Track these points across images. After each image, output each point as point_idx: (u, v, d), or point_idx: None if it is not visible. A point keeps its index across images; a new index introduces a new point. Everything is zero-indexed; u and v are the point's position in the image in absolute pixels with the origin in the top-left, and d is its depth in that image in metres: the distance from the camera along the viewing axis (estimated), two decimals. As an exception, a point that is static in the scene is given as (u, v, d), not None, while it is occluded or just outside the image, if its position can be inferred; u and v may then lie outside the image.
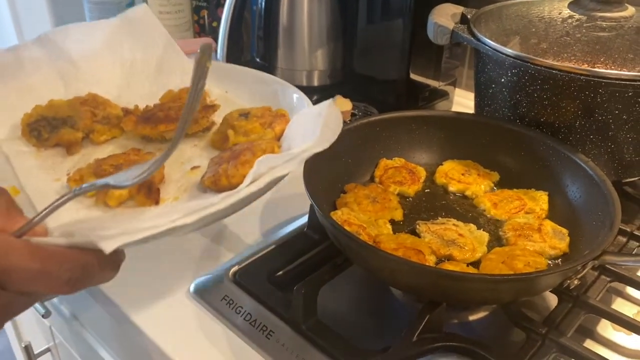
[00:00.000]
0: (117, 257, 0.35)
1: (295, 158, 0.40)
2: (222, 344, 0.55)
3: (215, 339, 0.56)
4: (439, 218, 0.63)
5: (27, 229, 0.34)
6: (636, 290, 0.60)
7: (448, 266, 0.55)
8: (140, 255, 0.63)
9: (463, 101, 1.02)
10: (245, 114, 0.54)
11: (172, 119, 0.53)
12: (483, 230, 0.61)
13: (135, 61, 0.61)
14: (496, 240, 0.61)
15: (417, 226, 0.61)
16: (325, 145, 0.41)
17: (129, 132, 0.54)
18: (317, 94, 0.96)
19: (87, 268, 0.33)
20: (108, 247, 0.33)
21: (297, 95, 0.56)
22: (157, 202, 0.47)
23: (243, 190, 0.39)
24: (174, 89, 0.59)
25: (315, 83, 0.97)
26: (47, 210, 0.35)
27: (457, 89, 1.01)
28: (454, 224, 0.61)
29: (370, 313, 0.59)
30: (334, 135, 0.42)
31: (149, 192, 0.46)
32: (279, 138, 0.52)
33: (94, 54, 0.60)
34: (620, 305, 0.60)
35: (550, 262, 0.57)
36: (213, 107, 0.56)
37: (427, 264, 0.55)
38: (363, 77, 0.96)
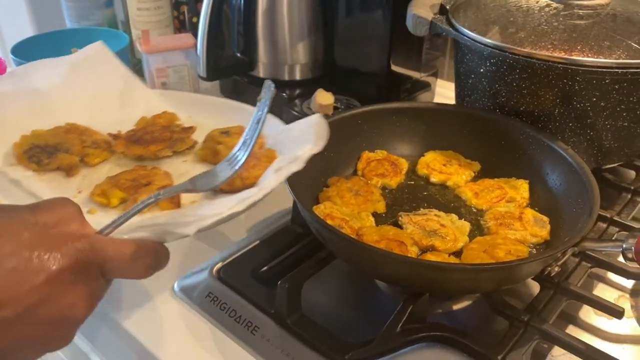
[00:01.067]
0: (167, 250, 0.43)
1: (300, 158, 0.48)
2: (207, 341, 0.55)
3: (201, 336, 0.55)
4: (421, 209, 0.64)
5: (111, 229, 0.41)
6: (617, 276, 0.61)
7: (430, 257, 0.55)
8: None
9: (445, 92, 1.02)
10: (226, 132, 0.62)
11: (160, 140, 0.60)
12: (465, 220, 0.61)
13: (99, 94, 0.67)
14: (478, 230, 0.61)
15: (400, 218, 0.61)
16: (321, 147, 0.49)
17: (121, 153, 0.61)
18: (299, 88, 0.96)
19: (159, 255, 0.42)
20: (190, 231, 0.42)
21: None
22: (178, 206, 0.54)
23: (271, 183, 0.48)
24: (145, 115, 0.66)
25: (297, 77, 0.97)
26: (130, 213, 0.42)
27: (438, 79, 1.01)
28: (435, 215, 0.61)
29: (354, 306, 0.60)
30: (324, 140, 0.50)
31: (171, 197, 0.52)
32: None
33: (61, 88, 0.65)
34: (601, 291, 0.60)
35: (531, 249, 0.57)
36: (192, 128, 0.64)
37: (409, 255, 0.55)
38: (344, 70, 0.95)
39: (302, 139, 0.51)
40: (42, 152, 0.57)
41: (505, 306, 0.53)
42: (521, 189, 0.64)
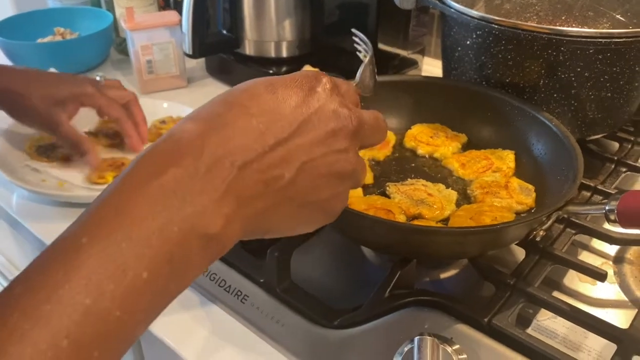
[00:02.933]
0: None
1: None
2: (197, 311, 0.55)
3: (191, 307, 0.56)
4: (408, 179, 0.64)
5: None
6: (600, 243, 0.62)
7: (417, 223, 0.56)
8: None
9: (431, 69, 1.02)
10: (162, 121, 0.83)
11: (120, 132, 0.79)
12: (452, 190, 0.62)
13: None
14: (465, 199, 0.62)
15: (387, 188, 0.61)
16: None
17: (98, 144, 0.79)
18: (285, 65, 0.96)
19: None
20: None
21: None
22: None
23: None
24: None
25: (284, 54, 0.96)
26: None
27: (425, 57, 1.01)
28: (422, 184, 0.62)
29: (343, 275, 0.60)
30: None
31: None
32: None
33: None
34: (585, 258, 0.61)
35: (517, 216, 0.58)
36: (165, 122, 0.84)
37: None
38: (331, 48, 0.95)
39: None
40: (47, 149, 0.77)
41: (492, 271, 0.53)
42: (507, 159, 0.65)
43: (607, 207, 0.47)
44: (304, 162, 0.34)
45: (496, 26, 0.64)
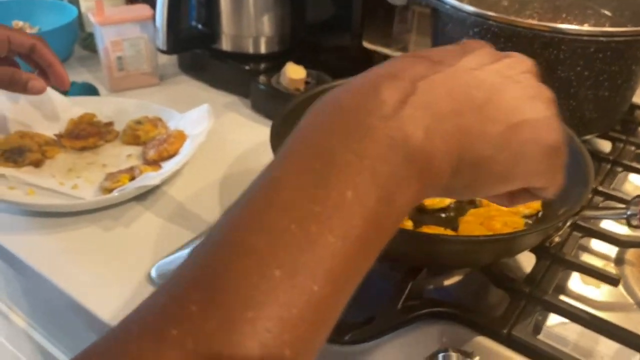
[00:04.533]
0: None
1: (203, 132, 0.71)
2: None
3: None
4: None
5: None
6: (601, 244, 0.61)
7: (426, 230, 0.53)
8: (93, 249, 0.60)
9: (413, 67, 1.00)
10: (138, 122, 0.78)
11: (92, 134, 0.77)
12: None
13: (34, 108, 0.80)
14: (470, 202, 0.60)
15: None
16: (211, 124, 0.72)
17: (69, 147, 0.76)
18: (264, 62, 0.92)
19: None
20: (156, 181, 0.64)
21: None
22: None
23: (190, 150, 0.69)
24: (72, 118, 0.80)
25: (263, 50, 0.92)
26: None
27: (406, 54, 0.99)
28: None
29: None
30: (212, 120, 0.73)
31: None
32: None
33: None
34: (587, 260, 0.60)
35: (526, 220, 0.56)
36: (111, 122, 0.80)
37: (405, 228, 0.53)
38: (313, 45, 0.92)
39: (201, 120, 0.73)
40: (13, 154, 0.72)
41: (505, 279, 0.52)
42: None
43: (628, 212, 0.45)
44: (493, 83, 0.31)
45: (495, 23, 0.63)
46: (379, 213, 0.26)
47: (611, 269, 0.61)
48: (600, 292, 0.57)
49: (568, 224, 0.52)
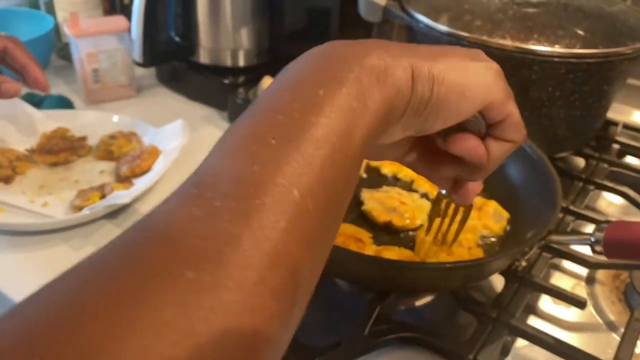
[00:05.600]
0: None
1: (177, 148, 0.70)
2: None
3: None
4: (384, 186, 0.63)
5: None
6: (572, 264, 0.61)
7: (387, 254, 0.53)
8: (62, 268, 0.58)
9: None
10: (113, 136, 0.78)
11: (65, 149, 0.76)
12: (426, 200, 0.61)
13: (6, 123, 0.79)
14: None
15: (361, 193, 0.59)
16: (187, 140, 0.72)
17: (40, 162, 0.75)
18: (242, 75, 0.92)
19: None
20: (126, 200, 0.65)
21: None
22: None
23: (163, 166, 0.69)
24: (45, 132, 0.79)
25: (241, 63, 0.92)
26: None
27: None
28: (397, 192, 0.61)
29: (315, 307, 0.57)
30: (187, 136, 0.73)
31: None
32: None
33: None
34: (558, 279, 0.60)
35: (486, 239, 0.57)
36: (85, 137, 0.79)
37: (366, 253, 0.52)
38: (292, 58, 0.91)
39: (175, 135, 0.73)
40: None
41: (472, 302, 0.52)
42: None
43: (592, 239, 0.45)
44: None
45: (467, 43, 0.63)
46: (354, 110, 0.29)
47: (582, 288, 0.61)
48: (570, 312, 0.57)
49: (536, 247, 0.52)
